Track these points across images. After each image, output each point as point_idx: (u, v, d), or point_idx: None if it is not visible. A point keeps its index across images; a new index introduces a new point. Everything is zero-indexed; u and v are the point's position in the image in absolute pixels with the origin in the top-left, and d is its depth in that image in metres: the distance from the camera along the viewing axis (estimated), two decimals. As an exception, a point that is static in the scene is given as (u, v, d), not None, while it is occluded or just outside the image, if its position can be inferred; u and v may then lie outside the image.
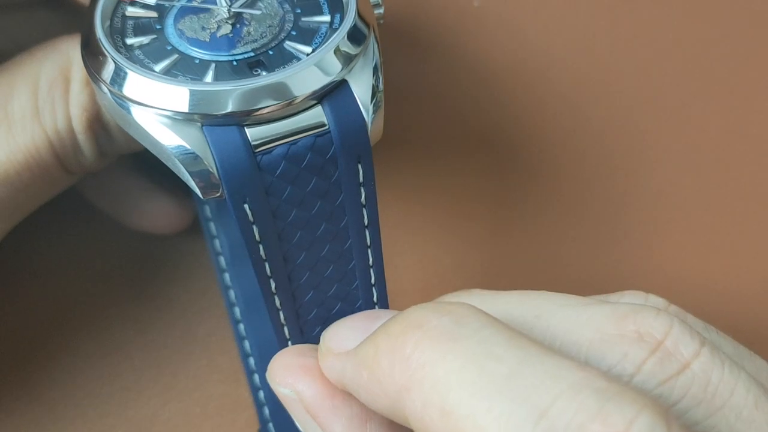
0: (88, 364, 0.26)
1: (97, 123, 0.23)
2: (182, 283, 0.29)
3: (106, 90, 0.20)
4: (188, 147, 0.19)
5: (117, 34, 0.21)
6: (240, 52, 0.21)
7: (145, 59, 0.20)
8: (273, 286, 0.22)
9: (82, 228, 0.30)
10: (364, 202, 0.22)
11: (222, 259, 0.28)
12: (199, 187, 0.20)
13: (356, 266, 0.23)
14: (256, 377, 0.27)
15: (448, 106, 0.32)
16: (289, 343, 0.23)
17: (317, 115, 0.20)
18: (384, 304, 0.24)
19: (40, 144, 0.22)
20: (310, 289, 0.23)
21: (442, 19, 0.33)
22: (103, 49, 0.20)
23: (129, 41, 0.21)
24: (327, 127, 0.20)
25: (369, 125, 0.21)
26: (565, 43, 0.33)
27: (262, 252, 0.21)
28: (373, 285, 0.23)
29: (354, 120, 0.20)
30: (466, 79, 0.33)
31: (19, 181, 0.23)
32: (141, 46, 0.21)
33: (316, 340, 0.21)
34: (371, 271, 0.23)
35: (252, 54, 0.21)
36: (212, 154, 0.19)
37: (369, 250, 0.23)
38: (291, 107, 0.20)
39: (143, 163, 0.29)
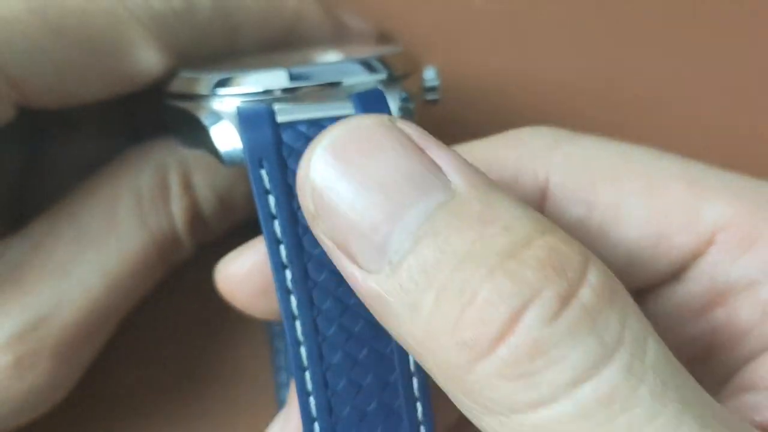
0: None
1: (198, 220, 0.25)
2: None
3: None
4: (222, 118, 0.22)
5: None
6: None
7: None
8: (288, 277, 0.21)
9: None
10: None
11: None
12: (222, 150, 0.22)
13: None
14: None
15: (446, 105, 0.32)
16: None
17: (346, 106, 0.22)
18: None
19: (150, 249, 0.24)
20: (329, 294, 0.21)
21: (442, 18, 0.33)
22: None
23: None
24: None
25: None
26: (567, 42, 0.33)
27: (276, 227, 0.21)
28: None
29: (380, 110, 0.21)
30: (466, 78, 0.33)
31: (126, 289, 0.24)
32: None
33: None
34: None
35: None
36: (237, 116, 0.21)
37: None
38: (325, 91, 0.22)
39: None
